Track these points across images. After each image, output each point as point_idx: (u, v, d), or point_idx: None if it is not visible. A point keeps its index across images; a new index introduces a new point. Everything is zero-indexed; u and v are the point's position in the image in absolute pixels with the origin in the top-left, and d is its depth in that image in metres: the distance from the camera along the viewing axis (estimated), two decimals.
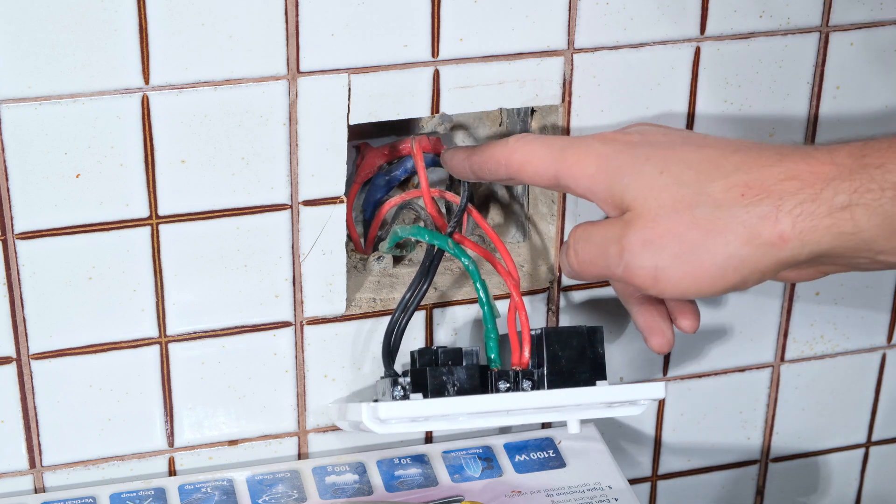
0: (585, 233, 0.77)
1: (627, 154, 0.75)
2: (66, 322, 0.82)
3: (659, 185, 0.73)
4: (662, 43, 0.84)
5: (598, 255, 0.76)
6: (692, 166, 0.73)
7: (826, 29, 0.87)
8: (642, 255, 0.73)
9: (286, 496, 0.85)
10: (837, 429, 1.03)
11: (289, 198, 0.82)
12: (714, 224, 0.72)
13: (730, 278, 0.72)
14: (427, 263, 0.83)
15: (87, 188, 0.78)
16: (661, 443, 0.98)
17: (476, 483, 0.87)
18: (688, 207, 0.72)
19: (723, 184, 0.72)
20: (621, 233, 0.74)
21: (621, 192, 0.74)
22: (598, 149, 0.76)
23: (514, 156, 0.79)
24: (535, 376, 0.81)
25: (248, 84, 0.78)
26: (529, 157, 0.78)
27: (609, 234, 0.75)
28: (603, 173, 0.75)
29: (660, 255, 0.72)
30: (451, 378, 0.81)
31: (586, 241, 0.76)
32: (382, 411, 0.78)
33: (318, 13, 0.78)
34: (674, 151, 0.75)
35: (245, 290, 0.84)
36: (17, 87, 0.75)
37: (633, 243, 0.73)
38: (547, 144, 0.78)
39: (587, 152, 0.76)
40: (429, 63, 0.81)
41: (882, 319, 0.99)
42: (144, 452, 0.87)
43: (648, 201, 0.73)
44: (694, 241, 0.72)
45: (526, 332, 0.82)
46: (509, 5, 0.81)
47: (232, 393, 0.87)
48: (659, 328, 0.82)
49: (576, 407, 0.81)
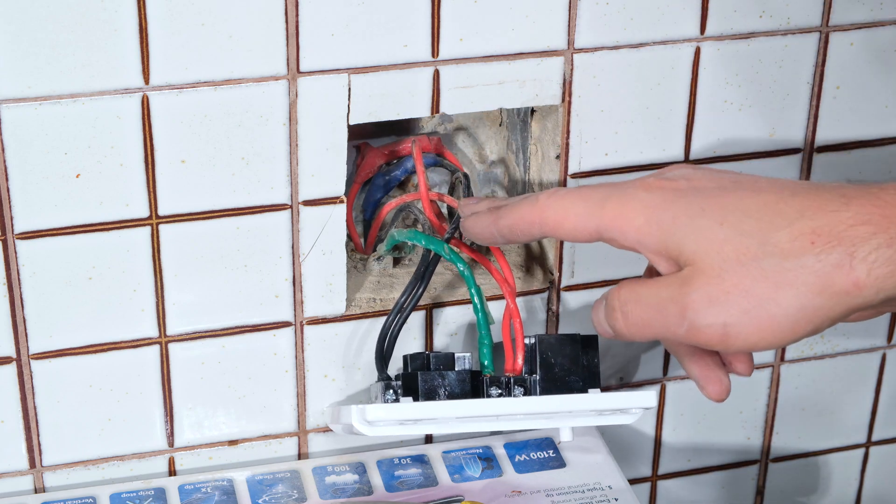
0: (634, 293, 0.72)
1: (680, 204, 0.71)
2: (66, 322, 0.82)
3: (720, 238, 0.69)
4: (662, 43, 0.84)
5: (653, 316, 0.71)
6: (752, 214, 0.69)
7: (826, 29, 0.87)
8: (708, 314, 0.69)
9: (286, 496, 0.85)
10: (837, 429, 1.03)
11: (289, 198, 0.82)
12: (784, 276, 0.68)
13: (802, 329, 0.69)
14: (423, 268, 0.83)
15: (87, 188, 0.78)
16: (661, 443, 0.98)
17: (476, 483, 0.87)
18: (754, 259, 0.68)
19: (788, 232, 0.68)
20: (682, 290, 0.69)
21: (678, 247, 0.70)
22: (643, 199, 0.71)
23: (548, 214, 0.74)
24: (528, 383, 0.81)
25: (248, 84, 0.78)
26: (565, 214, 0.74)
27: (666, 294, 0.70)
28: (654, 226, 0.71)
29: (728, 311, 0.68)
30: (442, 383, 0.81)
31: (637, 301, 0.72)
32: (370, 413, 0.79)
33: (318, 13, 0.78)
34: (728, 199, 0.70)
35: (245, 290, 0.84)
36: (17, 87, 0.75)
37: (697, 301, 0.69)
38: (584, 197, 0.73)
39: (632, 203, 0.72)
40: (429, 63, 0.81)
41: (882, 319, 0.99)
42: (144, 452, 0.87)
43: (711, 255, 0.69)
44: (763, 294, 0.68)
45: (520, 340, 0.82)
46: (509, 5, 0.81)
47: (232, 393, 0.87)
48: (716, 377, 0.78)
49: (566, 414, 0.81)
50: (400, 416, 0.79)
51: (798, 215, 0.68)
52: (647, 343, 0.94)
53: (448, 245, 0.82)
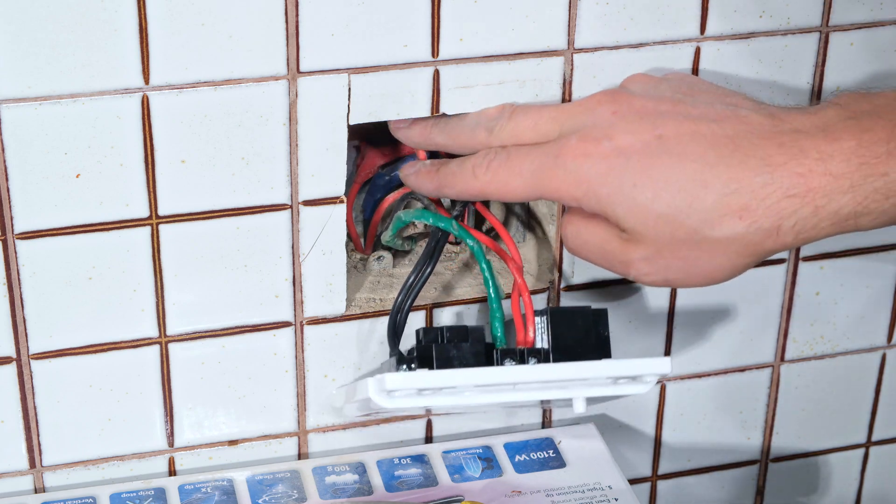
0: (579, 237, 0.78)
1: (613, 178, 0.75)
2: (66, 322, 0.82)
3: (654, 216, 0.74)
4: (662, 43, 0.84)
5: (598, 257, 0.78)
6: (680, 187, 0.73)
7: (826, 29, 0.87)
8: (650, 272, 0.76)
9: (286, 496, 0.85)
10: (837, 429, 1.03)
11: (289, 198, 0.82)
12: (715, 246, 0.74)
13: (732, 276, 0.76)
14: (432, 244, 0.83)
15: (87, 188, 0.78)
16: (661, 443, 0.98)
17: (476, 483, 0.87)
18: (687, 235, 0.74)
19: (718, 207, 0.72)
20: (625, 250, 0.76)
21: (616, 219, 0.75)
22: (576, 172, 0.76)
23: (488, 189, 0.79)
24: (541, 354, 0.81)
25: (248, 84, 0.78)
26: (505, 188, 0.79)
27: (610, 248, 0.77)
28: (593, 198, 0.75)
29: (668, 272, 0.76)
30: (457, 354, 0.80)
31: (583, 245, 0.78)
32: (389, 382, 0.77)
33: (318, 13, 0.78)
34: (656, 170, 0.74)
35: (245, 290, 0.84)
36: (17, 87, 0.75)
37: (639, 262, 0.76)
38: (518, 172, 0.78)
39: (567, 178, 0.76)
40: (429, 63, 0.81)
41: (882, 319, 0.99)
42: (144, 452, 0.87)
43: (648, 231, 0.74)
44: (698, 261, 0.75)
45: (530, 313, 0.82)
46: (509, 5, 0.81)
47: (232, 393, 0.87)
48: None
49: (581, 382, 0.80)
50: (419, 385, 0.78)
51: (724, 189, 0.72)
52: (646, 342, 0.94)
53: (456, 222, 0.83)
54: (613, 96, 0.78)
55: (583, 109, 0.78)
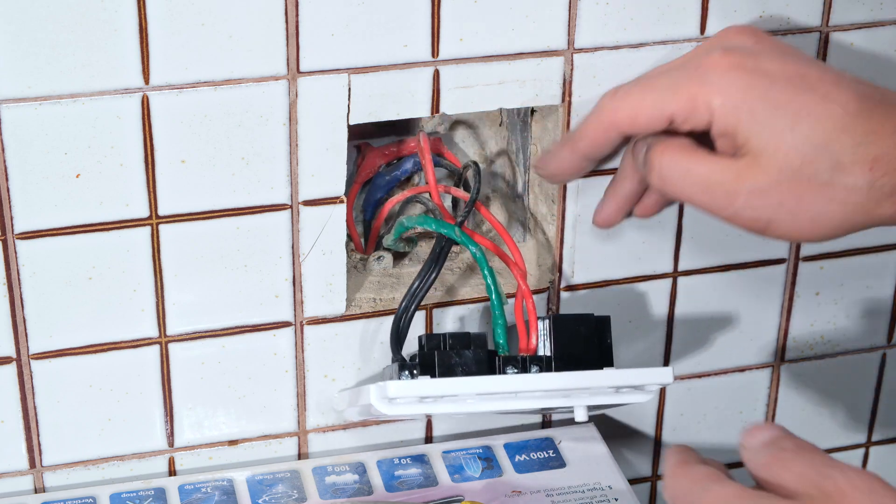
0: (680, 166, 0.74)
1: (756, 94, 0.72)
2: (66, 322, 0.82)
3: (789, 143, 0.71)
4: (662, 43, 0.84)
5: (697, 192, 0.73)
6: (821, 124, 0.71)
7: (826, 29, 0.87)
8: (757, 208, 0.72)
9: (286, 496, 0.85)
10: (837, 429, 1.03)
11: (289, 198, 0.82)
12: (837, 192, 0.71)
13: (835, 236, 0.73)
14: (437, 251, 0.83)
15: (87, 188, 0.78)
16: (661, 443, 0.98)
17: (476, 483, 0.87)
18: (815, 172, 0.71)
19: (852, 153, 0.70)
20: (737, 179, 0.72)
21: (746, 137, 0.72)
22: (718, 84, 0.72)
23: (619, 115, 0.75)
24: (543, 362, 0.81)
25: (248, 84, 0.78)
26: (638, 109, 0.74)
27: (718, 178, 0.72)
28: (730, 111, 0.72)
29: (776, 211, 0.72)
30: (459, 361, 0.80)
31: (683, 175, 0.74)
32: (391, 389, 0.78)
33: (318, 13, 0.78)
34: (798, 100, 0.71)
35: (245, 290, 0.84)
36: (17, 87, 0.75)
37: (750, 195, 0.72)
38: (651, 88, 0.74)
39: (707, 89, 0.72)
40: (429, 63, 0.81)
41: (882, 319, 0.99)
42: (144, 452, 0.87)
43: (777, 157, 0.71)
44: (813, 204, 0.71)
45: (533, 319, 0.82)
46: (509, 5, 0.81)
47: (232, 393, 0.87)
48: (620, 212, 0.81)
49: (583, 391, 0.80)
50: (420, 392, 0.78)
51: (862, 138, 0.70)
52: (647, 342, 0.94)
53: (459, 228, 0.83)
54: (754, 32, 0.76)
55: (722, 35, 0.76)
